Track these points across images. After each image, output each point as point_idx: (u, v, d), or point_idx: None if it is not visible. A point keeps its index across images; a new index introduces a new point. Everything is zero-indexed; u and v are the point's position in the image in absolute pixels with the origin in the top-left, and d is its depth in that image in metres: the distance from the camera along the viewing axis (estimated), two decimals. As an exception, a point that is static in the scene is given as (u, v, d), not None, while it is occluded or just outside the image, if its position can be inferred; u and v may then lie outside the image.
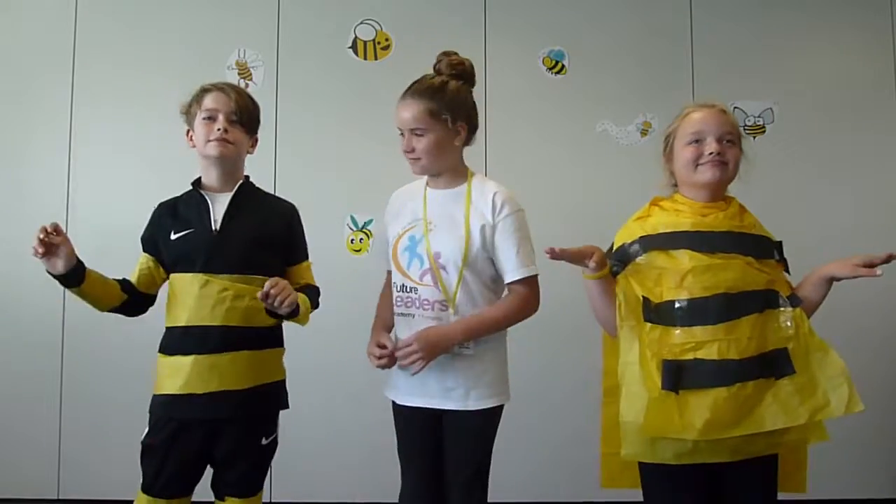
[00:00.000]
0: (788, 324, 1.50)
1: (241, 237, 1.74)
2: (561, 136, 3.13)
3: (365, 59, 3.15)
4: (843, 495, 2.91)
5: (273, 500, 2.97)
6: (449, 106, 1.70)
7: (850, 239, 2.94)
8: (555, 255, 1.47)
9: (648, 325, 1.51)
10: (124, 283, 1.77)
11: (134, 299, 1.77)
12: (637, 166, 3.09)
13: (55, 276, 1.63)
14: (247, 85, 3.12)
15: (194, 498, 1.78)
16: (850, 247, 2.95)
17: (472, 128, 1.79)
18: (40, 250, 1.57)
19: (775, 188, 2.91)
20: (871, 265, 1.49)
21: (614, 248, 1.67)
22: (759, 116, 3.14)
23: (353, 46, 3.15)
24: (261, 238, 1.76)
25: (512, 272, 1.73)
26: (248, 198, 1.81)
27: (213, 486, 1.76)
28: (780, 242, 1.62)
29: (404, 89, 1.77)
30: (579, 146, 3.13)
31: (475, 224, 1.74)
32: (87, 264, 1.68)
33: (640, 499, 1.62)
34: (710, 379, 1.45)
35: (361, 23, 3.15)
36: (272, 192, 2.04)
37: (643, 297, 1.53)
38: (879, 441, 3.00)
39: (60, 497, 2.96)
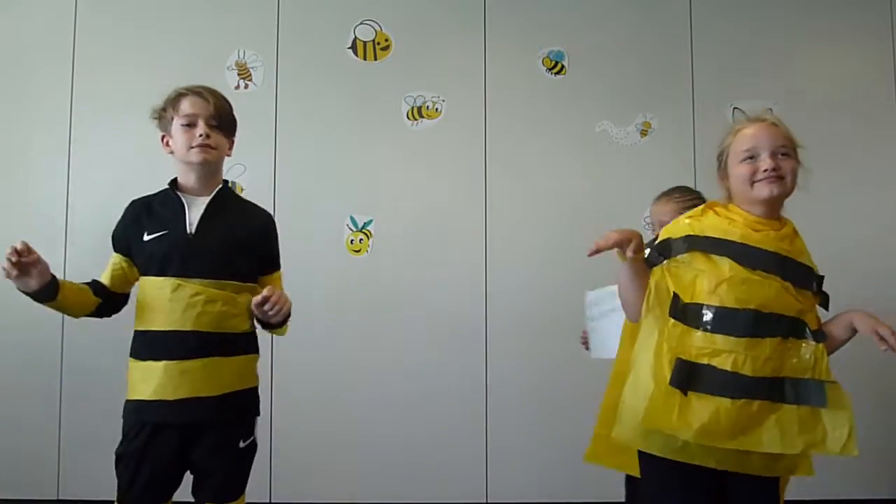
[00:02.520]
0: (808, 356, 1.50)
1: (217, 242, 1.70)
2: (561, 136, 3.13)
3: (364, 59, 3.15)
4: (843, 495, 2.91)
5: (273, 501, 2.97)
6: None
7: (850, 239, 2.95)
8: (598, 248, 1.47)
9: (672, 320, 1.51)
10: (96, 287, 1.74)
11: (107, 302, 1.74)
12: (637, 166, 3.09)
13: (27, 294, 1.60)
14: (247, 86, 3.12)
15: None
16: (850, 247, 2.97)
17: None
18: (13, 273, 1.53)
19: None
20: (884, 339, 1.49)
21: (658, 239, 1.66)
22: (758, 117, 3.13)
23: (353, 47, 3.15)
24: (236, 244, 1.73)
25: None
26: (226, 203, 1.78)
27: (194, 492, 1.74)
28: (822, 277, 1.61)
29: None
30: (579, 146, 3.13)
31: None
32: (86, 265, 1.68)
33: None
34: (719, 388, 1.46)
35: (361, 23, 3.16)
36: (272, 193, 2.04)
37: (675, 293, 1.53)
38: (879, 441, 3.00)
39: (60, 497, 2.96)
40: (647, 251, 1.62)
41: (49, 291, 1.61)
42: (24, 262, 1.55)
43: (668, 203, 2.11)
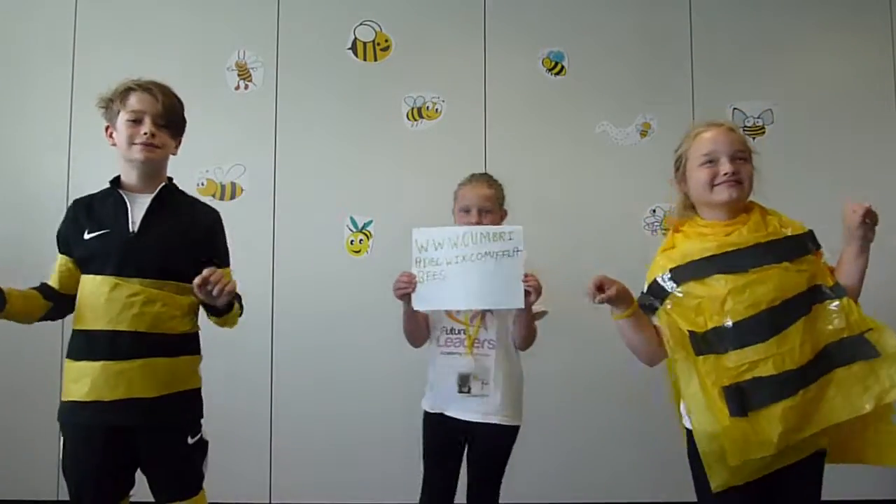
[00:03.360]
0: (837, 316, 1.50)
1: (160, 241, 1.67)
2: (560, 136, 3.13)
3: (364, 60, 3.15)
4: (843, 496, 2.91)
5: (273, 501, 2.97)
6: None
7: (849, 240, 2.94)
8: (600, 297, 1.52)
9: (701, 357, 1.50)
10: (45, 290, 1.71)
11: (58, 304, 1.72)
12: (637, 167, 3.09)
13: None
14: (247, 86, 3.12)
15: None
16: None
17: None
18: None
19: (774, 189, 2.90)
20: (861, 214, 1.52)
21: (647, 284, 1.66)
22: (758, 117, 3.14)
23: (353, 47, 3.15)
24: (180, 242, 1.70)
25: None
26: (170, 200, 1.74)
27: (152, 492, 1.72)
28: (811, 231, 1.62)
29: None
30: (579, 147, 3.13)
31: None
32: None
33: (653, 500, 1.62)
34: (774, 394, 1.45)
35: (361, 24, 3.16)
36: (272, 194, 2.03)
37: (690, 331, 1.52)
38: (879, 442, 3.00)
39: (60, 498, 2.96)
40: (648, 301, 1.62)
41: None
42: None
43: (483, 187, 2.04)
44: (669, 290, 1.57)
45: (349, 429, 2.97)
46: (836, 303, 1.51)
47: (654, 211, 3.07)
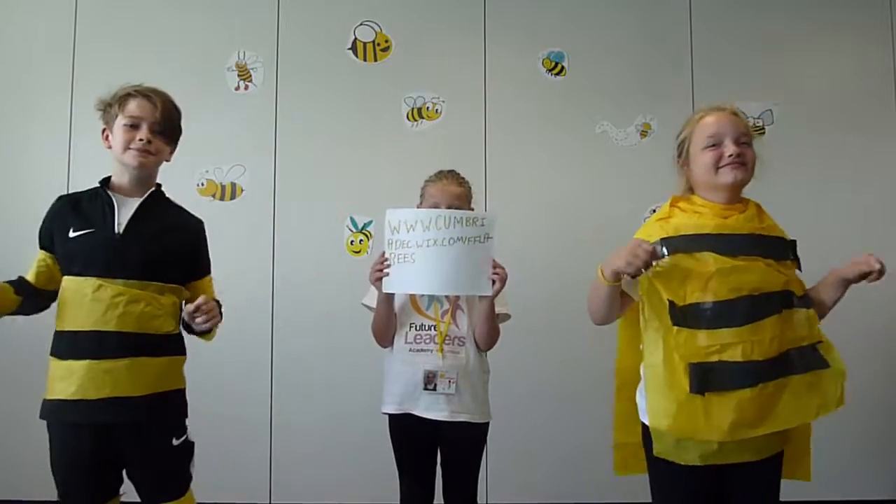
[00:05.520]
0: (802, 323, 1.53)
1: (144, 243, 1.69)
2: (560, 137, 3.13)
3: (364, 60, 3.15)
4: (843, 496, 2.91)
5: (273, 501, 2.97)
6: None
7: (850, 240, 2.94)
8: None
9: (675, 328, 1.51)
10: (19, 284, 1.70)
11: (31, 299, 1.71)
12: (637, 167, 3.10)
13: None
14: (247, 86, 3.12)
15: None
16: (849, 248, 2.96)
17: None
18: None
19: (774, 189, 2.90)
20: (872, 267, 1.52)
21: None
22: (758, 117, 3.14)
23: (353, 48, 3.15)
24: (164, 247, 1.71)
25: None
26: (157, 206, 1.76)
27: (138, 493, 1.73)
28: (794, 241, 1.64)
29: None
30: (579, 147, 3.13)
31: None
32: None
33: (647, 499, 1.64)
34: (735, 380, 1.47)
35: (361, 24, 3.16)
36: (273, 194, 2.03)
37: (670, 301, 1.52)
38: (879, 441, 3.00)
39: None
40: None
41: None
42: None
43: (453, 185, 2.03)
44: (658, 258, 1.56)
45: (349, 429, 2.97)
46: (803, 311, 1.54)
47: (654, 211, 3.06)
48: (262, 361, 3.01)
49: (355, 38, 3.16)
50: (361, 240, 3.07)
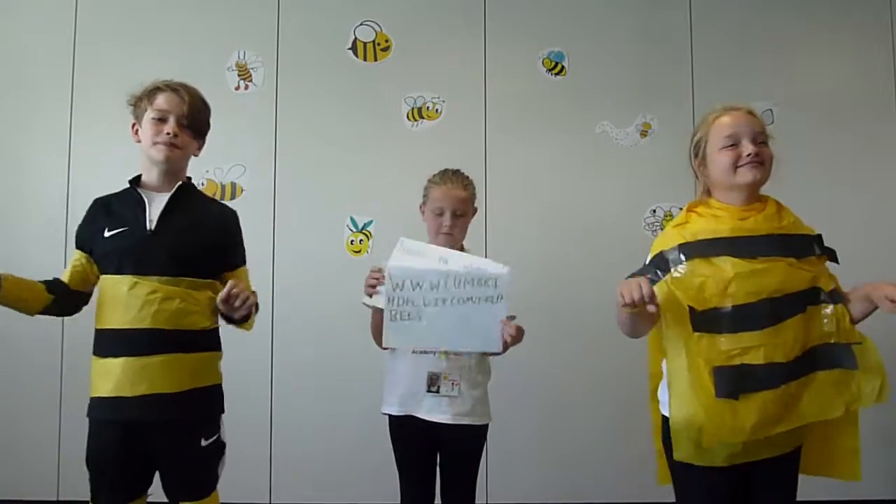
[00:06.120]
0: (830, 320, 1.52)
1: (175, 238, 1.69)
2: (561, 136, 3.13)
3: (365, 60, 3.15)
4: (844, 496, 2.91)
5: (273, 502, 2.97)
6: None
7: (850, 240, 2.93)
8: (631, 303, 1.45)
9: (696, 334, 1.50)
10: (53, 284, 1.72)
11: (64, 300, 1.72)
12: (637, 167, 3.09)
13: None
14: (247, 86, 3.12)
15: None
16: (849, 248, 2.96)
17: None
18: None
19: (774, 189, 2.91)
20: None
21: (651, 256, 1.65)
22: (758, 117, 3.13)
23: (353, 48, 3.15)
24: (196, 240, 1.72)
25: None
26: (187, 199, 1.77)
27: (164, 490, 1.74)
28: (820, 236, 1.62)
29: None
30: (579, 147, 3.13)
31: None
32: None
33: (653, 500, 1.63)
34: (759, 383, 1.47)
35: (361, 24, 3.16)
36: (273, 194, 2.03)
37: (689, 307, 1.52)
38: (879, 441, 3.00)
39: (60, 498, 2.96)
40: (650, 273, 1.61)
41: None
42: None
43: (458, 189, 1.99)
44: (674, 264, 1.56)
45: (349, 429, 2.97)
46: (831, 307, 1.52)
47: (654, 211, 3.07)
48: (262, 361, 3.00)
49: (355, 38, 3.16)
50: (361, 240, 3.07)
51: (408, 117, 3.12)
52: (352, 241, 3.07)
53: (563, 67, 3.16)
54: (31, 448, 2.98)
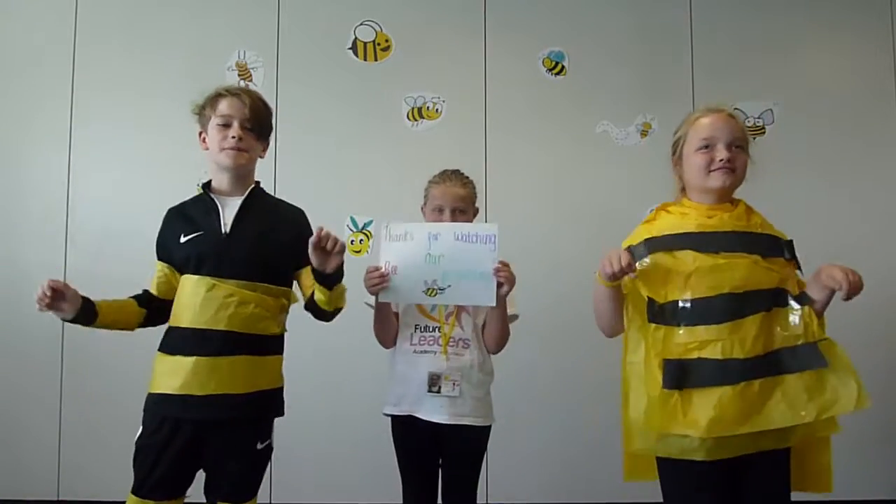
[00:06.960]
0: (797, 322, 1.51)
1: (250, 241, 1.74)
2: (561, 137, 3.13)
3: (365, 60, 3.15)
4: (844, 496, 2.91)
5: (273, 502, 2.97)
6: None
7: (850, 240, 2.94)
8: (614, 273, 1.51)
9: (653, 325, 1.53)
10: (142, 298, 1.78)
11: (156, 311, 1.78)
12: (637, 167, 3.09)
13: (67, 321, 1.66)
14: (247, 86, 3.12)
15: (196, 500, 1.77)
16: (849, 248, 2.97)
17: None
18: (45, 309, 1.60)
19: (774, 189, 2.91)
20: (840, 287, 1.46)
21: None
22: (758, 117, 3.14)
23: (353, 47, 3.15)
24: (269, 243, 1.77)
25: None
26: (259, 203, 1.82)
27: (206, 490, 1.75)
28: (791, 241, 1.62)
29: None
30: (579, 147, 3.13)
31: None
32: (86, 264, 1.68)
33: (652, 500, 1.64)
34: (714, 378, 1.47)
35: (361, 24, 3.16)
36: (272, 194, 2.03)
37: (648, 297, 1.54)
38: (879, 441, 3.00)
39: (60, 498, 2.96)
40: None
41: (85, 316, 1.66)
42: (55, 297, 1.60)
43: (457, 187, 2.00)
44: (639, 258, 1.58)
45: (350, 428, 2.97)
46: (798, 309, 1.52)
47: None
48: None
49: (355, 38, 3.16)
50: (361, 240, 3.07)
51: (408, 117, 3.12)
52: (352, 241, 3.07)
53: (563, 67, 3.17)
54: (31, 448, 2.98)
